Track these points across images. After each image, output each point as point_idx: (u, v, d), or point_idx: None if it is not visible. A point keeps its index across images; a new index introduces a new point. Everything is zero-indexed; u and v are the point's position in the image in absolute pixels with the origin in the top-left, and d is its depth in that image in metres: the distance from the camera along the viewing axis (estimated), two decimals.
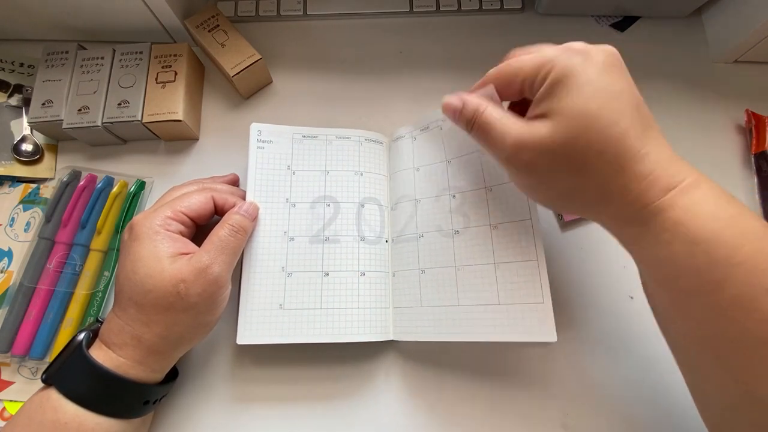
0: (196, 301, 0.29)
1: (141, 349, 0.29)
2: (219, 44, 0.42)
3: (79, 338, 0.30)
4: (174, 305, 0.29)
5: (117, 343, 0.29)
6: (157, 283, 0.29)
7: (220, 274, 0.30)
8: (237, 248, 0.32)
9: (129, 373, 0.29)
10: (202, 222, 0.34)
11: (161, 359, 0.30)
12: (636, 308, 0.38)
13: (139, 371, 0.29)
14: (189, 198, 0.33)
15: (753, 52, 0.45)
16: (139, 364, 0.29)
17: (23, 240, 0.39)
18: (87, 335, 0.30)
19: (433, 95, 0.45)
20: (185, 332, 0.30)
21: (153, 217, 0.31)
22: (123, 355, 0.29)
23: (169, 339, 0.30)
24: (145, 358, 0.29)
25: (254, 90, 0.45)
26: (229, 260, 0.31)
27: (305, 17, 0.48)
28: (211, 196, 0.33)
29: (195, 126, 0.42)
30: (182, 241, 0.31)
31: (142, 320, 0.29)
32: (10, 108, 0.43)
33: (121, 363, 0.29)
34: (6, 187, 0.41)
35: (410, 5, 0.48)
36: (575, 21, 0.48)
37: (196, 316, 0.30)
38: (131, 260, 0.30)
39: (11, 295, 0.36)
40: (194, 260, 0.30)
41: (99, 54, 0.41)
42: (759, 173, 0.42)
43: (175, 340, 0.30)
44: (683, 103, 0.45)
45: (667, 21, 0.48)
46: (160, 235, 0.30)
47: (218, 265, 0.30)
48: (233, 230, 0.32)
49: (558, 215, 0.41)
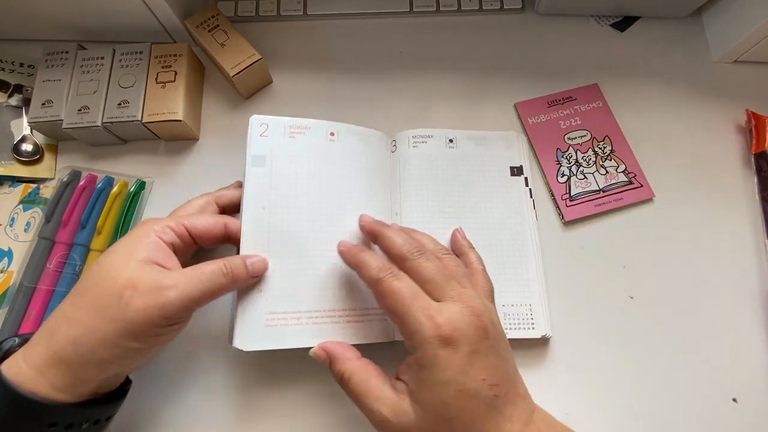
0: (131, 316, 0.25)
1: (47, 350, 0.25)
2: (219, 44, 0.42)
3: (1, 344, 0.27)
4: (107, 309, 0.26)
5: (33, 340, 0.26)
6: (109, 278, 0.26)
7: (172, 302, 0.26)
8: (214, 291, 0.28)
9: (26, 384, 0.25)
10: (204, 243, 0.32)
11: (63, 373, 0.25)
12: (636, 308, 0.38)
13: (39, 385, 0.25)
14: (198, 216, 0.32)
15: (753, 52, 0.45)
16: (40, 375, 0.25)
17: (23, 240, 0.39)
18: (12, 341, 0.27)
19: (433, 95, 0.45)
20: (99, 346, 0.26)
21: (155, 222, 0.30)
22: (26, 357, 0.26)
23: (79, 347, 0.25)
24: (47, 366, 0.25)
25: (254, 90, 0.45)
26: (196, 296, 0.27)
27: (305, 17, 0.48)
28: (224, 223, 0.32)
29: (195, 126, 0.42)
30: (165, 252, 0.29)
31: (68, 315, 0.26)
32: (10, 108, 0.43)
33: (22, 371, 0.25)
34: (6, 187, 0.41)
35: (410, 5, 0.48)
36: (575, 21, 0.48)
37: (121, 334, 0.26)
38: (107, 251, 0.28)
39: (11, 295, 0.36)
40: (159, 274, 0.27)
41: (99, 54, 0.41)
42: (759, 173, 0.42)
43: (84, 352, 0.25)
44: (683, 103, 0.45)
45: (667, 21, 0.48)
46: (148, 238, 0.28)
47: (178, 293, 0.26)
48: (222, 271, 0.28)
49: (559, 214, 0.41)
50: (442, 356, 0.25)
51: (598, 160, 0.42)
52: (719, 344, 0.37)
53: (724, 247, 0.40)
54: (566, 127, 0.43)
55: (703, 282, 0.39)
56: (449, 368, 0.25)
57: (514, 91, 0.45)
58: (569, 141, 0.43)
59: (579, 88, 0.45)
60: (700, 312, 0.38)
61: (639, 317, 0.38)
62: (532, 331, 0.36)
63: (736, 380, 0.36)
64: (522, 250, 0.38)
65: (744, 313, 0.38)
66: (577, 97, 0.45)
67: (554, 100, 0.45)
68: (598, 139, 0.43)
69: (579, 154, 0.42)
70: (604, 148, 0.43)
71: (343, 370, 0.28)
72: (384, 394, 0.27)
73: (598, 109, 0.44)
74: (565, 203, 0.41)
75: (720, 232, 0.41)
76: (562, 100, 0.44)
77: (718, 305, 0.39)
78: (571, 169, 0.42)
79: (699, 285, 0.39)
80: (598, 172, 0.42)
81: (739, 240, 0.41)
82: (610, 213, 0.41)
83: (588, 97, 0.45)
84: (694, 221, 0.41)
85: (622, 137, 0.43)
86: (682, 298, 0.39)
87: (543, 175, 0.42)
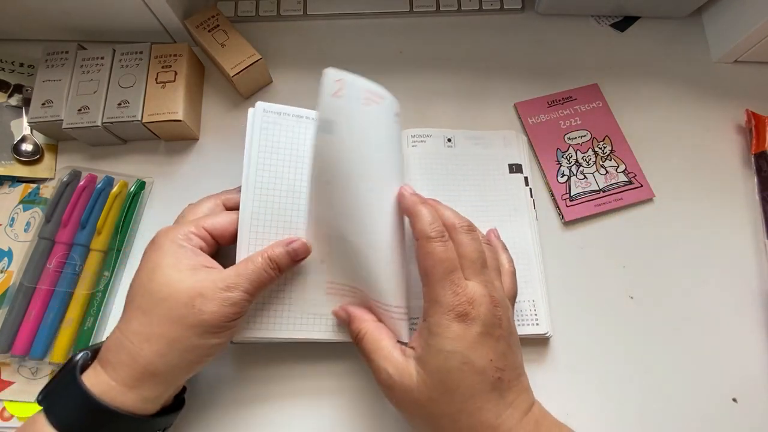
0: (207, 318, 0.28)
1: (135, 369, 0.27)
2: (219, 44, 0.42)
3: (76, 358, 0.28)
4: (184, 319, 0.27)
5: (112, 361, 0.27)
6: (173, 292, 0.28)
7: (239, 301, 0.28)
8: (265, 282, 0.30)
9: (116, 400, 0.27)
10: (223, 242, 0.33)
11: (154, 384, 0.28)
12: (636, 308, 0.38)
13: (128, 399, 0.27)
14: (215, 217, 0.32)
15: (753, 52, 0.45)
16: (130, 390, 0.27)
17: (23, 240, 0.39)
18: (85, 355, 0.29)
19: (433, 95, 0.45)
20: (186, 352, 0.28)
21: (176, 230, 0.30)
22: (114, 377, 0.27)
23: (167, 357, 0.27)
24: (137, 381, 0.27)
25: (254, 90, 0.45)
26: (253, 290, 0.29)
27: (305, 17, 0.48)
28: (236, 218, 0.33)
29: (195, 126, 0.42)
30: (203, 255, 0.30)
31: (144, 334, 0.28)
32: (10, 108, 0.43)
33: (111, 387, 0.27)
34: (6, 187, 0.41)
35: (410, 5, 0.48)
36: (575, 21, 0.48)
37: (202, 335, 0.28)
38: (150, 268, 0.29)
39: (11, 295, 0.36)
40: (219, 278, 0.29)
41: (99, 54, 0.41)
42: (759, 173, 0.42)
43: (174, 360, 0.28)
44: (683, 103, 0.45)
45: (667, 21, 0.48)
46: (182, 248, 0.30)
47: (241, 291, 0.29)
48: (270, 264, 0.30)
49: (559, 214, 0.41)
50: (454, 328, 0.26)
51: (598, 160, 0.42)
52: (719, 344, 0.37)
53: (724, 247, 0.40)
54: (566, 127, 0.43)
55: (703, 282, 0.39)
56: (459, 340, 0.26)
57: (514, 91, 0.45)
58: (569, 141, 0.43)
59: (579, 88, 0.45)
60: (700, 312, 0.38)
61: (639, 317, 0.38)
62: (537, 327, 0.36)
63: (736, 380, 0.36)
64: (522, 249, 0.38)
65: (744, 313, 0.38)
66: (577, 97, 0.45)
67: (554, 100, 0.45)
68: (598, 139, 0.43)
69: (579, 154, 0.42)
70: (604, 148, 0.43)
71: (359, 328, 0.31)
72: (392, 355, 0.29)
73: (598, 109, 0.44)
74: (565, 203, 0.41)
75: (720, 232, 0.41)
76: (562, 100, 0.45)
77: (718, 305, 0.39)
78: (571, 169, 0.42)
79: (699, 285, 0.39)
80: (598, 172, 0.42)
81: (739, 240, 0.41)
82: (610, 213, 0.41)
83: (588, 97, 0.45)
84: (694, 221, 0.41)
85: (622, 137, 0.43)
86: (682, 298, 0.39)
87: (543, 175, 0.42)
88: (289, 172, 0.35)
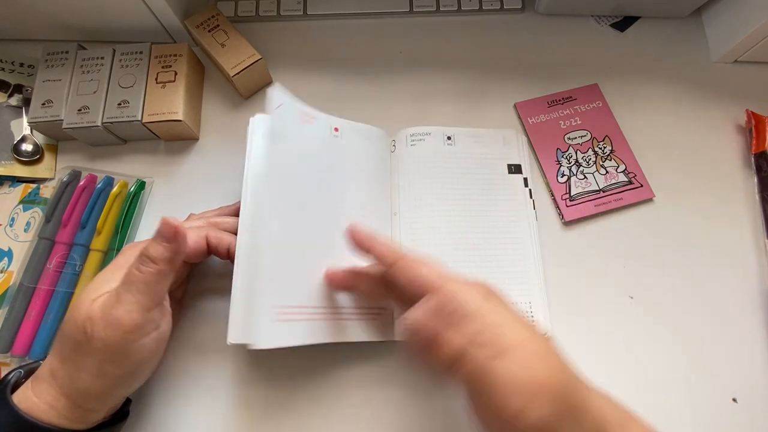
0: (98, 346, 0.25)
1: (53, 387, 0.26)
2: (219, 44, 0.42)
3: (8, 377, 0.27)
4: (80, 346, 0.26)
5: (38, 377, 0.27)
6: (74, 315, 0.26)
7: (122, 317, 0.25)
8: (147, 283, 0.26)
9: (42, 417, 0.26)
10: (192, 260, 0.33)
11: (72, 407, 0.26)
12: (636, 308, 0.38)
13: (52, 416, 0.26)
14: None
15: (753, 52, 0.45)
16: (51, 408, 0.26)
17: (23, 240, 0.39)
18: (18, 374, 0.28)
19: (433, 95, 0.45)
20: (89, 379, 0.26)
21: (138, 246, 0.29)
22: (37, 393, 0.26)
23: (75, 381, 0.26)
24: (56, 400, 0.26)
25: (254, 90, 0.45)
26: (138, 299, 0.26)
27: (305, 17, 0.48)
28: (205, 235, 0.32)
29: (195, 126, 0.42)
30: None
31: (60, 353, 0.27)
32: (10, 108, 0.43)
33: (34, 404, 0.26)
34: (6, 187, 0.41)
35: (410, 5, 0.48)
36: (575, 21, 0.48)
37: (101, 365, 0.26)
38: (89, 283, 0.28)
39: (11, 295, 0.36)
40: (106, 296, 0.26)
41: (99, 54, 0.41)
42: (759, 173, 0.42)
43: (81, 387, 0.26)
44: (683, 103, 0.45)
45: (667, 21, 0.48)
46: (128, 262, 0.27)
47: (124, 305, 0.26)
48: (139, 261, 0.26)
49: (559, 214, 0.41)
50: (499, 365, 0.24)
51: (598, 160, 0.42)
52: (719, 344, 0.37)
53: (724, 247, 0.40)
54: (566, 127, 0.43)
55: (703, 282, 0.39)
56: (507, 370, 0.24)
57: (514, 91, 0.45)
58: (569, 141, 0.43)
59: (579, 88, 0.45)
60: (700, 312, 0.38)
61: (639, 317, 0.38)
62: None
63: (736, 380, 0.36)
64: (522, 249, 0.38)
65: (744, 313, 0.38)
66: (577, 97, 0.45)
67: (554, 100, 0.45)
68: (598, 139, 0.43)
69: (579, 154, 0.42)
70: (604, 148, 0.43)
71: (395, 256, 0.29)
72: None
73: (598, 109, 0.44)
74: (565, 203, 0.41)
75: (720, 232, 0.41)
76: (562, 100, 0.45)
77: (718, 305, 0.39)
78: (571, 169, 0.42)
79: (699, 285, 0.39)
80: (598, 172, 0.42)
81: (739, 240, 0.41)
82: (610, 213, 0.41)
83: (588, 97, 0.45)
84: (694, 221, 0.41)
85: (622, 137, 0.43)
86: (682, 298, 0.39)
87: (543, 175, 0.42)
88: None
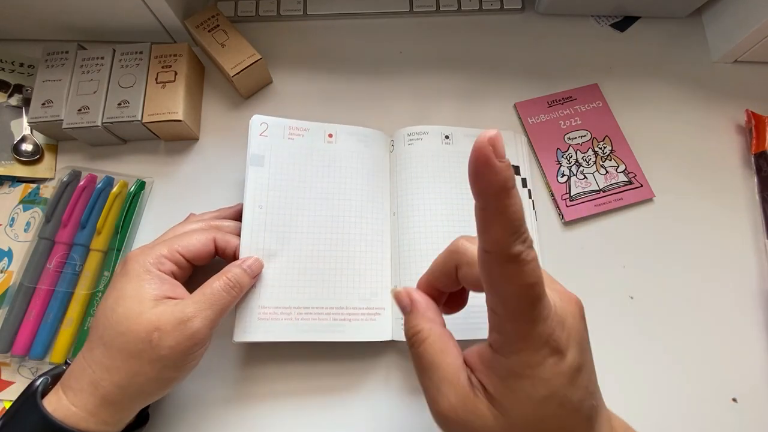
0: (166, 353, 0.27)
1: (96, 397, 0.27)
2: (219, 44, 0.42)
3: (35, 384, 0.28)
4: (142, 353, 0.27)
5: (74, 387, 0.27)
6: (131, 326, 0.27)
7: (199, 330, 0.28)
8: (228, 305, 0.30)
9: (79, 425, 0.26)
10: (199, 263, 0.32)
11: (115, 412, 0.28)
12: (636, 308, 0.38)
13: (90, 424, 0.27)
14: (188, 237, 0.32)
15: (753, 52, 0.45)
16: (91, 416, 0.27)
17: (23, 240, 0.39)
18: (45, 380, 0.28)
19: (433, 95, 0.45)
20: (146, 385, 0.28)
21: (148, 254, 0.30)
22: (76, 402, 0.27)
23: (127, 390, 0.27)
24: (98, 408, 0.27)
25: (254, 90, 0.45)
26: (214, 316, 0.29)
27: (305, 17, 0.48)
28: (213, 237, 0.32)
29: (195, 126, 0.42)
30: (170, 283, 0.30)
31: (105, 365, 0.27)
32: (10, 108, 0.43)
33: (72, 413, 0.26)
34: (6, 187, 0.41)
35: (410, 5, 0.48)
36: (575, 21, 0.48)
37: (162, 371, 0.28)
38: (114, 297, 0.28)
39: (11, 295, 0.36)
40: (178, 309, 0.28)
41: (99, 54, 0.41)
42: (759, 173, 0.42)
43: (134, 393, 0.28)
44: (683, 103, 0.45)
45: (667, 21, 0.48)
46: (150, 274, 0.29)
47: (201, 319, 0.28)
48: (229, 285, 0.30)
49: (559, 214, 0.41)
50: (549, 365, 0.20)
51: (598, 160, 0.42)
52: (719, 344, 0.37)
53: (724, 247, 0.40)
54: (566, 127, 0.43)
55: (703, 282, 0.39)
56: (555, 379, 0.20)
57: (514, 91, 0.45)
58: (569, 141, 0.43)
59: (579, 88, 0.45)
60: (700, 312, 0.38)
61: (639, 317, 0.38)
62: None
63: (736, 380, 0.36)
64: None
65: (744, 313, 0.38)
66: (577, 97, 0.45)
67: (554, 100, 0.45)
68: (598, 139, 0.43)
69: (579, 154, 0.42)
70: (604, 148, 0.43)
71: (422, 328, 0.24)
72: (458, 380, 0.22)
73: (598, 109, 0.44)
74: (565, 203, 0.41)
75: (720, 232, 0.41)
76: (562, 100, 0.45)
77: (718, 305, 0.39)
78: (571, 169, 0.42)
79: (699, 285, 0.39)
80: (598, 172, 0.42)
81: (739, 240, 0.41)
82: (610, 213, 0.41)
83: (588, 97, 0.45)
84: (694, 221, 0.41)
85: (622, 137, 0.43)
86: (682, 298, 0.39)
87: (543, 175, 0.42)
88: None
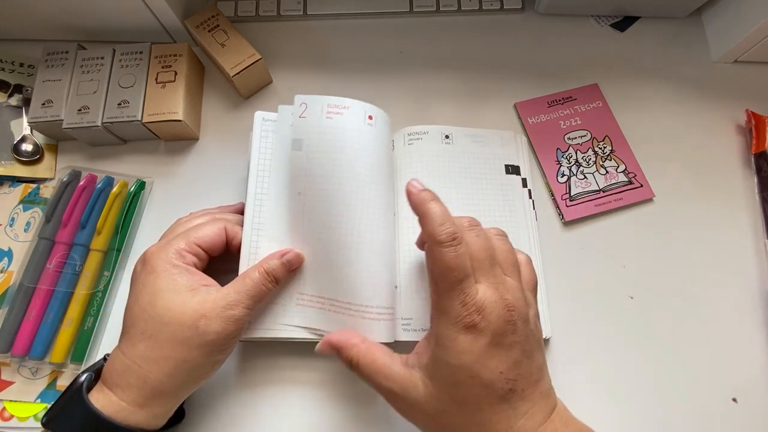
0: (212, 338, 0.28)
1: (145, 390, 0.28)
2: (219, 44, 0.42)
3: (80, 380, 0.28)
4: (189, 340, 0.28)
5: (120, 384, 0.28)
6: (176, 315, 0.28)
7: (241, 318, 0.29)
8: (264, 296, 0.31)
9: (129, 419, 0.27)
10: (214, 254, 0.33)
11: (165, 402, 0.29)
12: (636, 308, 0.38)
13: (140, 417, 0.28)
14: (202, 229, 0.32)
15: (753, 52, 0.45)
16: (141, 408, 0.28)
17: (23, 240, 0.39)
18: (89, 377, 0.29)
19: (433, 95, 0.45)
20: (194, 370, 0.29)
21: (167, 249, 0.30)
22: (125, 398, 0.28)
23: (176, 378, 0.28)
24: (149, 400, 0.28)
25: (254, 90, 0.45)
26: (253, 305, 0.30)
27: (305, 17, 0.48)
28: (224, 227, 0.33)
29: (195, 126, 0.42)
30: (198, 273, 0.31)
31: (152, 357, 0.28)
32: (10, 108, 0.43)
33: (122, 408, 0.27)
34: (6, 187, 0.41)
35: (410, 5, 0.48)
36: (575, 21, 0.48)
37: (209, 354, 0.29)
38: (149, 293, 0.29)
39: (11, 295, 0.36)
40: (219, 296, 0.29)
41: (99, 54, 0.41)
42: (759, 173, 0.42)
43: (183, 379, 0.29)
44: (683, 103, 0.45)
45: (667, 21, 0.48)
46: (177, 267, 0.30)
47: (242, 308, 0.29)
48: (267, 278, 0.31)
49: (559, 214, 0.41)
50: (461, 340, 0.25)
51: (598, 160, 0.42)
52: (719, 344, 0.37)
53: (724, 247, 0.40)
54: (566, 127, 0.43)
55: (703, 282, 0.39)
56: (466, 354, 0.25)
57: (514, 91, 0.45)
58: (569, 141, 0.43)
59: (579, 88, 0.45)
60: (700, 312, 0.38)
61: (639, 317, 0.38)
62: None
63: (736, 380, 0.36)
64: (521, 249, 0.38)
65: (744, 313, 0.38)
66: (577, 97, 0.45)
67: (554, 100, 0.45)
68: (598, 139, 0.43)
69: (579, 154, 0.42)
70: (604, 148, 0.43)
71: (350, 356, 0.29)
72: (392, 372, 0.28)
73: (598, 109, 0.44)
74: (565, 203, 0.41)
75: (720, 232, 0.41)
76: (562, 100, 0.45)
77: (718, 305, 0.39)
78: (571, 169, 0.42)
79: (699, 285, 0.39)
80: (598, 172, 0.42)
81: (739, 240, 0.41)
82: (610, 213, 0.41)
83: (588, 97, 0.45)
84: (694, 221, 0.41)
85: (622, 137, 0.43)
86: (682, 298, 0.39)
87: (543, 175, 0.42)
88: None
